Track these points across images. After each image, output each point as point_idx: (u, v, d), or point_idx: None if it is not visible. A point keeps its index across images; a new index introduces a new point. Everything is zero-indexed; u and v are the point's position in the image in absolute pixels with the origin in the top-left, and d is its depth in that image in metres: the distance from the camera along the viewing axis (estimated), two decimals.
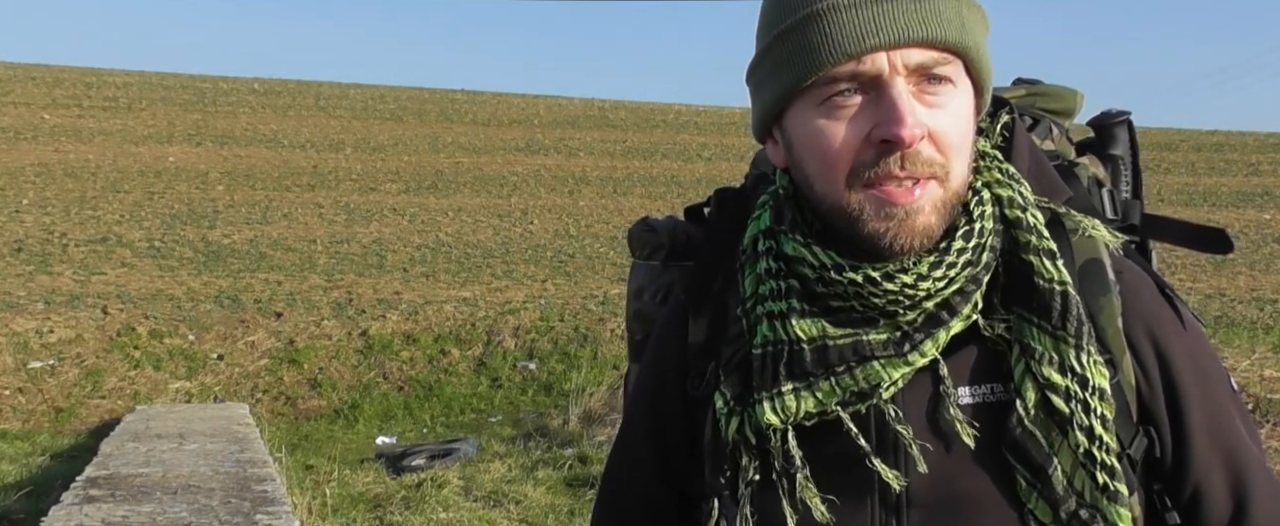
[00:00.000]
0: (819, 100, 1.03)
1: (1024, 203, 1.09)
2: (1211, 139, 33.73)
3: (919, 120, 1.00)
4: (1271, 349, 9.25)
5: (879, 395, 1.05)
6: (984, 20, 1.07)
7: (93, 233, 17.35)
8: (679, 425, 1.17)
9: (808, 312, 1.06)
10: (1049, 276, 1.05)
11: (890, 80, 1.00)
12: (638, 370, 1.27)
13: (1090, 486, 1.03)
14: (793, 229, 1.09)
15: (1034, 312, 1.05)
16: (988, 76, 1.07)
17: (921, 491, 1.06)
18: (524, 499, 7.93)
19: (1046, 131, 1.26)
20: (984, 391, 1.07)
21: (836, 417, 1.05)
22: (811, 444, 1.07)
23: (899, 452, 1.06)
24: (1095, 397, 1.04)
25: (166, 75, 34.61)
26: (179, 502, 6.20)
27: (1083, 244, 1.10)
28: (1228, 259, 17.69)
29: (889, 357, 1.04)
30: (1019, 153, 1.15)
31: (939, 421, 1.06)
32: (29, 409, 11.59)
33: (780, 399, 1.06)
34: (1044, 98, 1.30)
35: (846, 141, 1.01)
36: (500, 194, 22.92)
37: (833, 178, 1.03)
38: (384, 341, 12.95)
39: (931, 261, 1.03)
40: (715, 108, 36.48)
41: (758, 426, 1.07)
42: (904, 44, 0.99)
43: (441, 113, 32.49)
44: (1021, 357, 1.05)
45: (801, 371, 1.06)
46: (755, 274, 1.11)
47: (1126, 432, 1.07)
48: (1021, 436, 1.04)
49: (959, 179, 1.04)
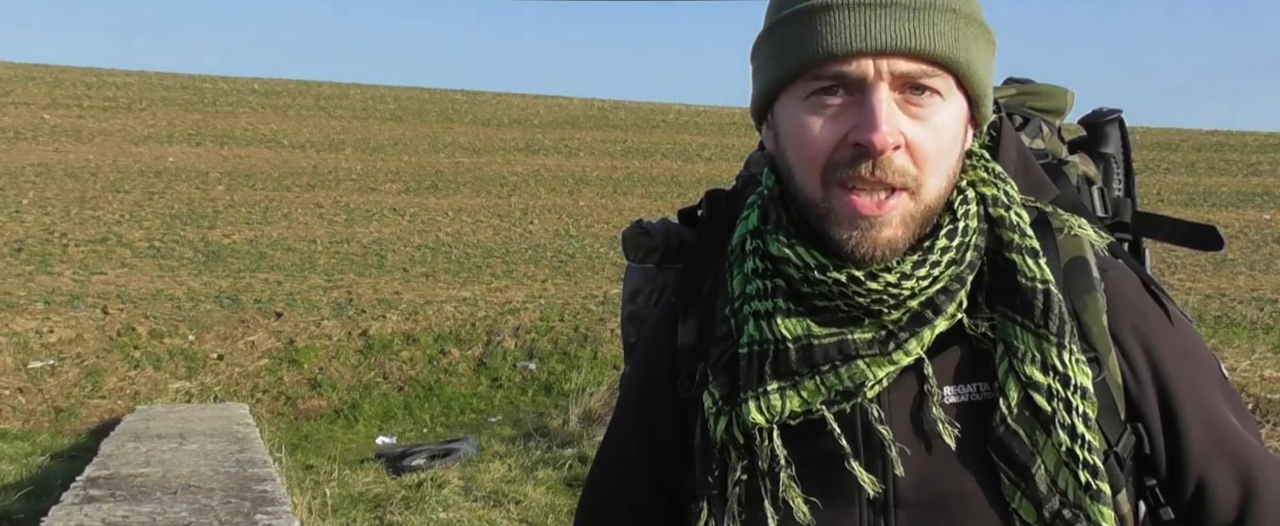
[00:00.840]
0: (805, 94, 1.04)
1: (1008, 201, 1.09)
2: (1211, 139, 33.71)
3: (895, 129, 1.00)
4: (1271, 349, 9.25)
5: (863, 394, 1.05)
6: (986, 37, 1.06)
7: (93, 233, 17.35)
8: (669, 427, 1.18)
9: (793, 312, 1.07)
10: (1031, 275, 1.05)
11: (874, 86, 1.00)
12: (628, 372, 1.28)
13: (1073, 485, 1.03)
14: (777, 229, 1.09)
15: (1017, 311, 1.05)
16: (983, 92, 1.06)
17: (909, 491, 1.06)
18: (524, 499, 7.93)
19: (1036, 130, 1.26)
20: (970, 390, 1.07)
21: (822, 417, 1.06)
22: (799, 444, 1.08)
23: (884, 453, 1.06)
24: (1077, 396, 1.04)
25: (166, 75, 34.60)
26: (179, 502, 6.20)
27: (1068, 242, 1.10)
28: (1228, 258, 17.70)
29: (873, 356, 1.04)
30: (1006, 151, 1.15)
31: (924, 421, 1.06)
32: (29, 409, 11.59)
33: (765, 398, 1.06)
34: (1034, 97, 1.30)
35: (825, 139, 1.02)
36: (500, 194, 22.92)
37: (810, 172, 1.04)
38: (384, 341, 12.96)
39: (914, 260, 1.03)
40: (715, 108, 36.47)
41: (745, 426, 1.07)
42: (891, 52, 1.00)
43: (441, 113, 32.48)
44: (1005, 356, 1.05)
45: (787, 370, 1.06)
46: (742, 274, 1.11)
47: (1114, 430, 1.07)
48: (1005, 435, 1.04)
49: (933, 193, 1.04)
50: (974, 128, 1.10)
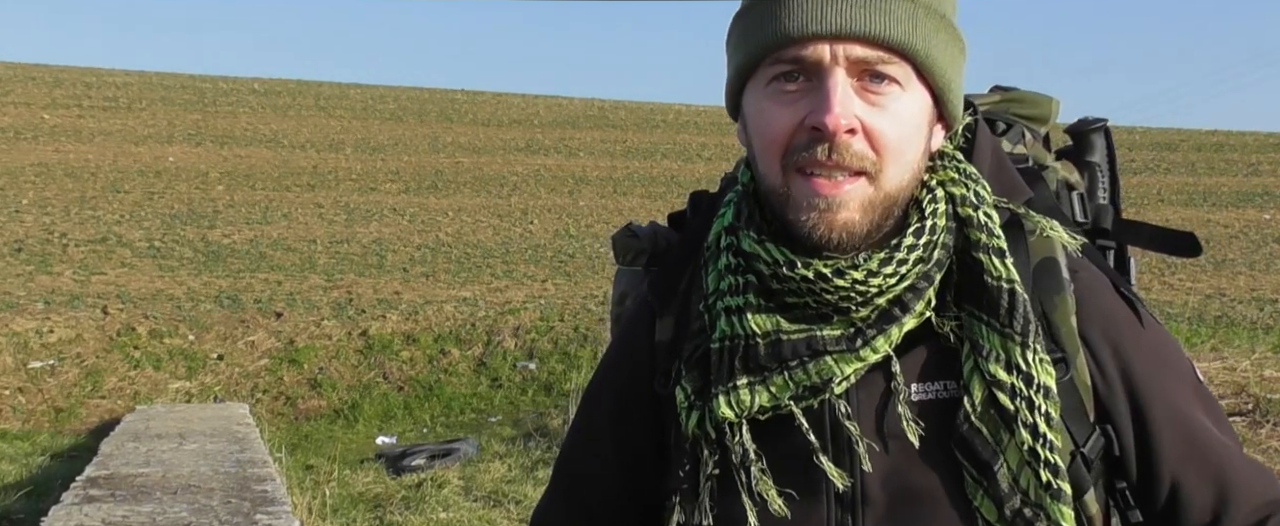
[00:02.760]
0: (766, 81, 1.05)
1: (977, 201, 1.09)
2: (1211, 139, 33.70)
3: (850, 112, 1.01)
4: (1271, 349, 9.24)
5: (831, 390, 1.05)
6: (950, 33, 1.06)
7: (93, 233, 17.36)
8: (646, 424, 1.18)
9: (763, 308, 1.07)
10: (997, 274, 1.06)
11: (829, 70, 1.01)
12: (599, 369, 1.28)
13: (1035, 484, 1.04)
14: (747, 225, 1.10)
15: (983, 310, 1.06)
16: (945, 86, 1.07)
17: (876, 488, 1.07)
18: (524, 499, 7.93)
19: (1018, 136, 1.27)
20: (937, 388, 1.08)
21: (791, 412, 1.06)
22: (769, 440, 1.08)
23: (852, 449, 1.07)
24: (1040, 395, 1.04)
25: (166, 75, 34.61)
26: (179, 502, 6.20)
27: (1039, 244, 1.11)
28: (1227, 259, 17.71)
29: (841, 353, 1.05)
30: (980, 153, 1.15)
31: (890, 418, 1.07)
32: (29, 409, 11.60)
33: (735, 393, 1.07)
34: (1018, 104, 1.30)
35: (784, 124, 1.03)
36: (500, 194, 22.93)
37: (771, 159, 1.05)
38: (384, 341, 12.96)
39: (881, 257, 1.04)
40: (715, 108, 36.41)
41: (717, 421, 1.08)
42: (846, 36, 1.01)
43: (441, 113, 32.48)
44: (971, 355, 1.06)
45: (756, 366, 1.07)
46: (717, 270, 1.12)
47: (1081, 431, 1.08)
48: (968, 433, 1.05)
49: (894, 182, 1.04)
50: (943, 127, 1.11)
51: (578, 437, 1.28)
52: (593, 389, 1.28)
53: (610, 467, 1.22)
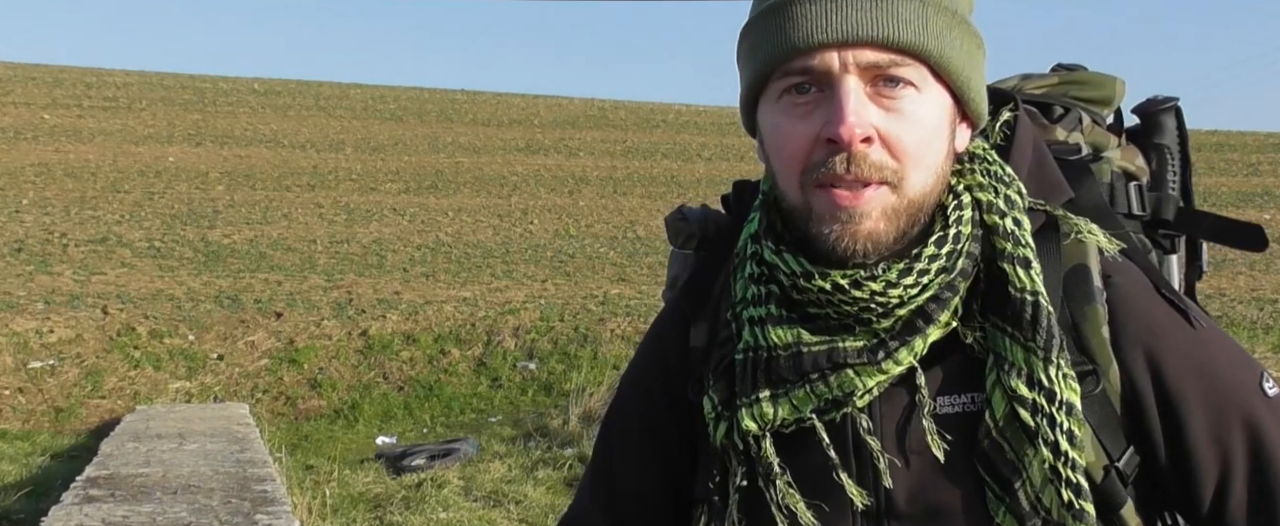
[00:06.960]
0: (778, 94, 1.02)
1: (1005, 208, 1.05)
2: (1211, 139, 33.67)
3: (865, 120, 0.98)
4: (1271, 349, 9.24)
5: (853, 404, 1.03)
6: (965, 30, 1.03)
7: (93, 233, 17.35)
8: (681, 426, 1.16)
9: (784, 319, 1.05)
10: (1021, 286, 1.02)
11: (840, 78, 0.98)
12: (632, 368, 1.25)
13: (1057, 504, 1.00)
14: (767, 235, 1.08)
15: (1007, 322, 1.02)
16: (965, 85, 1.03)
17: (901, 502, 1.05)
18: (524, 499, 7.93)
19: (1075, 122, 1.21)
20: (963, 401, 1.05)
21: (814, 426, 1.04)
22: (795, 452, 1.06)
23: (874, 464, 1.04)
24: (1062, 413, 1.00)
25: (166, 75, 34.57)
26: (179, 502, 6.20)
27: (1072, 249, 1.07)
28: (1228, 258, 17.69)
29: (863, 365, 1.02)
30: (1019, 150, 1.11)
31: (913, 432, 1.04)
32: (29, 409, 11.59)
33: (758, 405, 1.05)
34: (1079, 86, 1.24)
35: (800, 138, 1.01)
36: (500, 194, 22.91)
37: (790, 175, 1.02)
38: (384, 341, 12.95)
39: (901, 268, 1.01)
40: (715, 108, 36.43)
41: (743, 432, 1.06)
42: (854, 42, 0.98)
43: (441, 113, 32.46)
44: (994, 367, 1.03)
45: (778, 378, 1.04)
46: (743, 278, 1.10)
47: (1115, 446, 1.04)
48: (989, 448, 1.02)
49: (917, 188, 1.01)
50: (968, 126, 1.08)
51: (612, 442, 1.25)
52: (624, 389, 1.25)
53: (648, 466, 1.20)
